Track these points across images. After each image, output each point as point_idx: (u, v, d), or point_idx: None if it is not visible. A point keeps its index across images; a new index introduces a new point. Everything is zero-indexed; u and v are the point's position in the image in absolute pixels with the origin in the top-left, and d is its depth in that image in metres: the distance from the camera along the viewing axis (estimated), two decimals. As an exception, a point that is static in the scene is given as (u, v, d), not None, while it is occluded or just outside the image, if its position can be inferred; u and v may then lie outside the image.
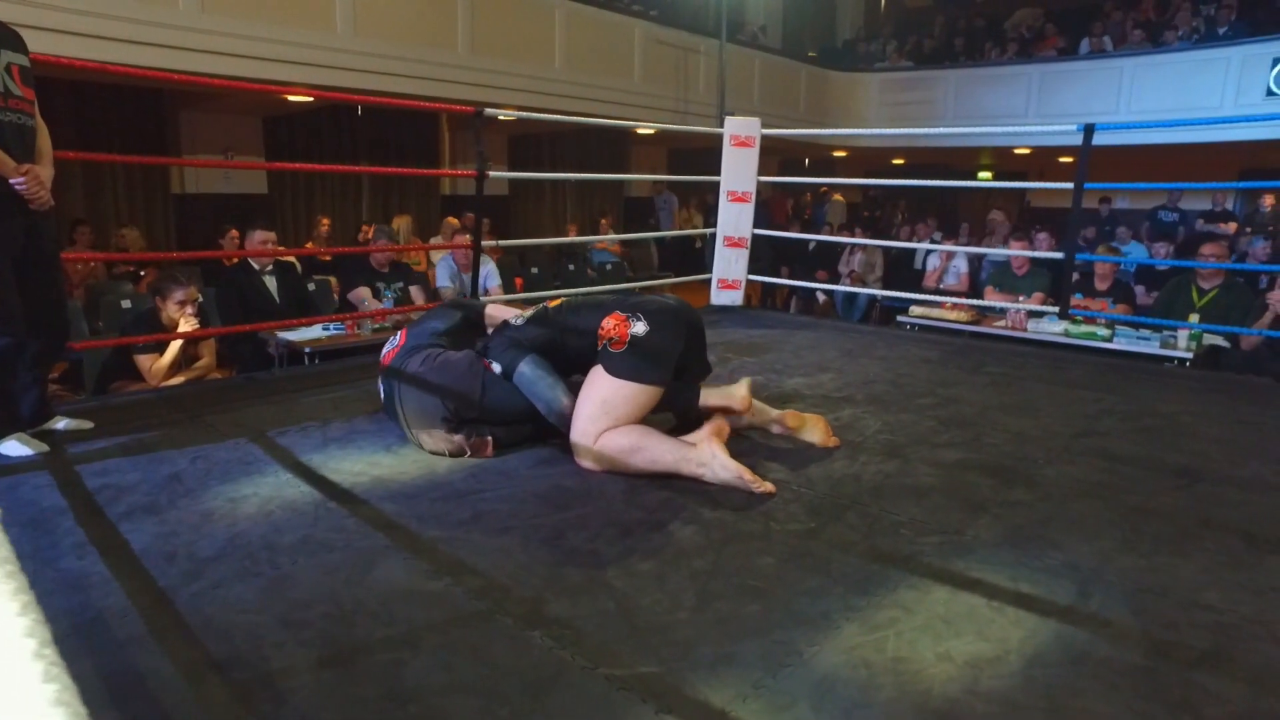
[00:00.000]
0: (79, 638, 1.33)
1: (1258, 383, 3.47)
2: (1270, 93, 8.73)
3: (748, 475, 1.99)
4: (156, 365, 3.34)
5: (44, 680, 0.52)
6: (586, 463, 2.12)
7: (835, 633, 1.39)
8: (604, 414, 2.08)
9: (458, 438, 2.23)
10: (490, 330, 2.50)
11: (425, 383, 2.29)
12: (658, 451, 2.06)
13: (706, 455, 2.03)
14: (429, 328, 2.50)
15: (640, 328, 2.11)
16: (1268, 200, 10.16)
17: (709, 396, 2.33)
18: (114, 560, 1.60)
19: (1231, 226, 9.42)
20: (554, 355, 2.24)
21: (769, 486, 2.01)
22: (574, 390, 2.19)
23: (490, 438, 2.26)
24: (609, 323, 2.13)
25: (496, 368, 2.25)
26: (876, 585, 1.56)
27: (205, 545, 1.67)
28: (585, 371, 2.20)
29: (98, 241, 6.66)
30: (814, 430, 2.36)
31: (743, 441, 2.38)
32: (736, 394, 2.31)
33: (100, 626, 1.37)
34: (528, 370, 2.20)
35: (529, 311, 2.38)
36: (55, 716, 0.46)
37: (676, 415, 2.35)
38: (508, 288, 5.83)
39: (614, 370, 2.09)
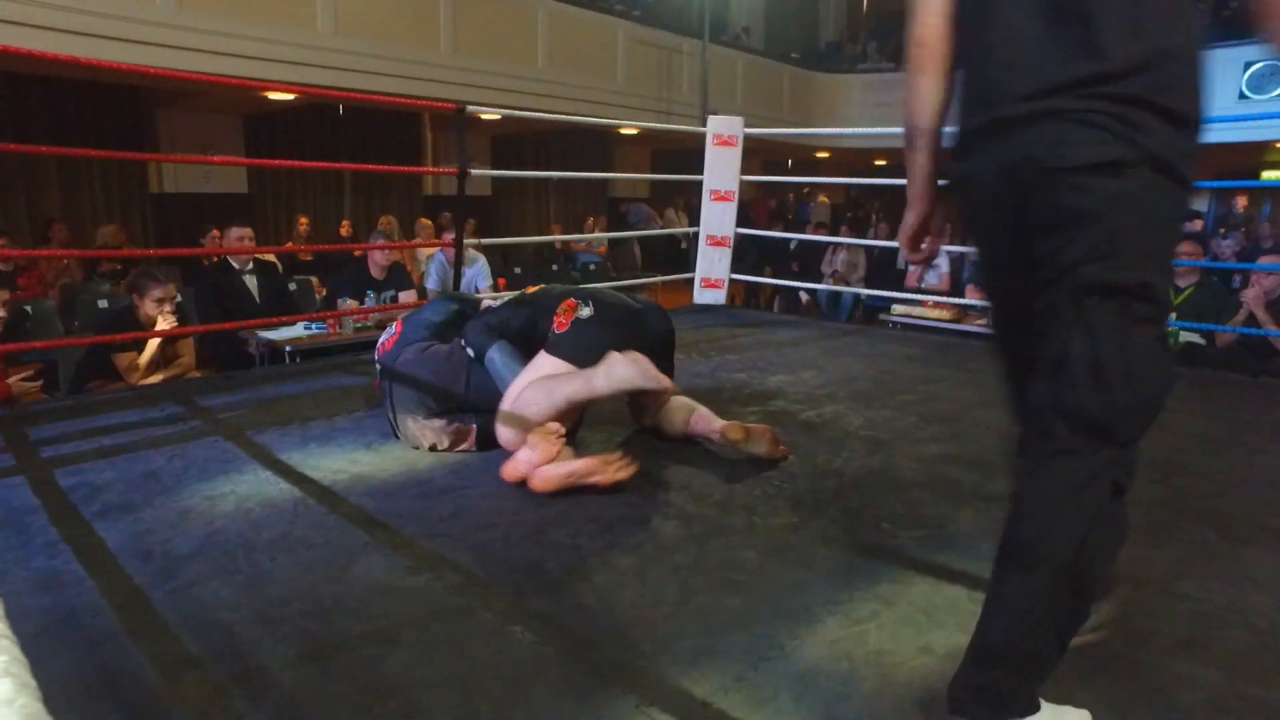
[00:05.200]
0: (50, 636, 1.31)
1: (1232, 379, 3.52)
2: (1242, 95, 8.88)
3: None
4: (135, 363, 3.29)
5: None
6: (507, 433, 2.07)
7: (817, 626, 1.39)
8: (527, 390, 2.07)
9: (438, 423, 2.24)
10: None
11: (412, 374, 2.30)
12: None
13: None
14: (424, 320, 2.48)
15: (585, 311, 2.14)
16: (1240, 202, 10.34)
17: (689, 415, 2.27)
18: (88, 559, 1.58)
19: (1197, 224, 9.59)
20: (526, 340, 2.23)
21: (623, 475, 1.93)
22: None
23: (474, 427, 2.25)
24: (563, 306, 2.17)
25: (470, 351, 2.26)
26: (858, 578, 1.56)
27: (182, 543, 1.65)
28: None
29: (75, 241, 6.57)
30: (759, 442, 2.18)
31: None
32: (715, 424, 2.21)
33: (72, 625, 1.35)
34: (496, 356, 2.21)
35: (504, 296, 2.40)
36: (0, 687, 0.45)
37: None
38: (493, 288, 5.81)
39: (551, 349, 2.12)
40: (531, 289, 2.40)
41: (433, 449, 2.24)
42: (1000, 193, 1.09)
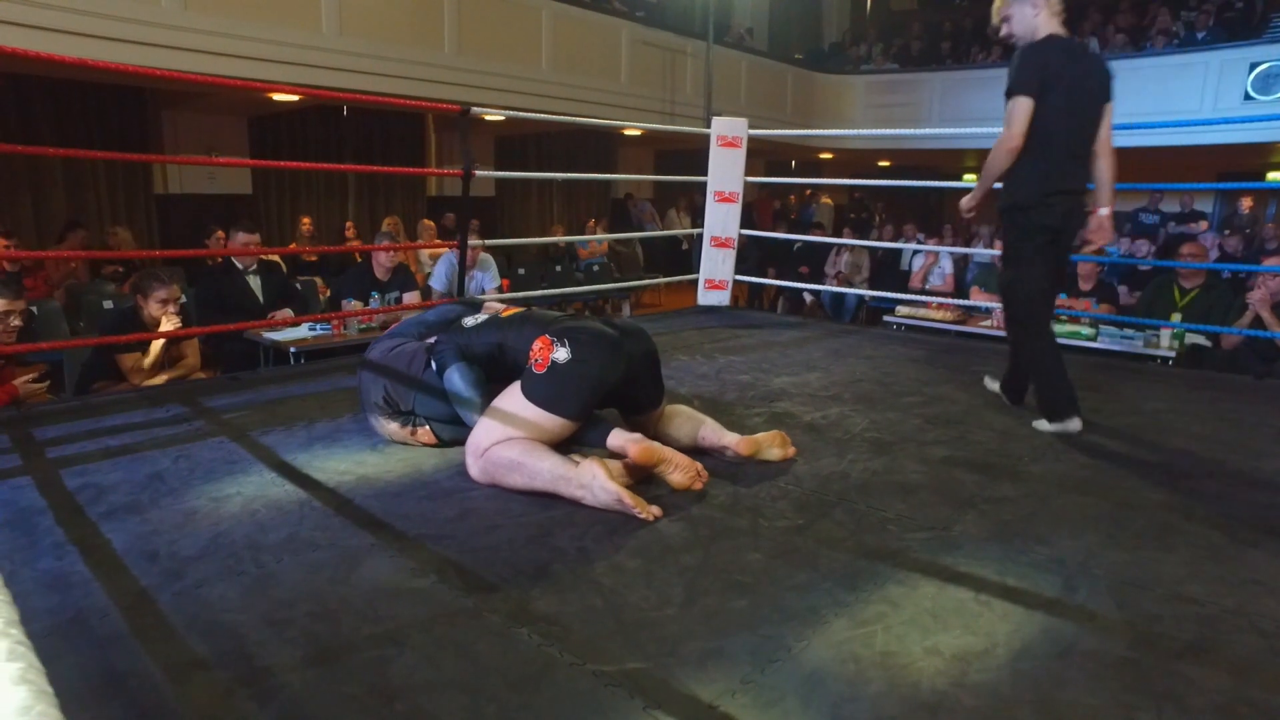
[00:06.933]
0: (58, 637, 1.31)
1: (1238, 381, 3.51)
2: (1248, 97, 8.85)
3: (628, 499, 1.81)
4: (140, 364, 3.30)
5: (7, 659, 0.50)
6: (473, 472, 2.03)
7: (823, 627, 1.39)
8: (503, 432, 1.99)
9: (393, 425, 2.29)
10: None
11: (375, 367, 2.35)
12: (535, 469, 1.91)
13: (587, 477, 1.86)
14: (419, 318, 2.53)
15: (562, 354, 2.00)
16: (1245, 203, 10.31)
17: (696, 428, 2.23)
18: (94, 560, 1.58)
19: (1202, 225, 9.58)
20: (494, 365, 2.18)
21: (654, 511, 1.83)
22: None
23: (429, 428, 2.27)
24: (538, 344, 2.05)
25: (434, 365, 2.25)
26: (864, 580, 1.56)
27: (188, 544, 1.65)
28: None
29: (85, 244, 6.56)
30: (771, 449, 2.22)
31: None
32: (725, 438, 2.19)
33: (80, 626, 1.35)
34: (456, 378, 2.17)
35: (483, 317, 2.32)
36: (18, 694, 0.45)
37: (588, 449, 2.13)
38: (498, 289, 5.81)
39: (527, 392, 2.01)
40: (508, 311, 2.32)
41: (403, 442, 2.30)
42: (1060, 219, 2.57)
